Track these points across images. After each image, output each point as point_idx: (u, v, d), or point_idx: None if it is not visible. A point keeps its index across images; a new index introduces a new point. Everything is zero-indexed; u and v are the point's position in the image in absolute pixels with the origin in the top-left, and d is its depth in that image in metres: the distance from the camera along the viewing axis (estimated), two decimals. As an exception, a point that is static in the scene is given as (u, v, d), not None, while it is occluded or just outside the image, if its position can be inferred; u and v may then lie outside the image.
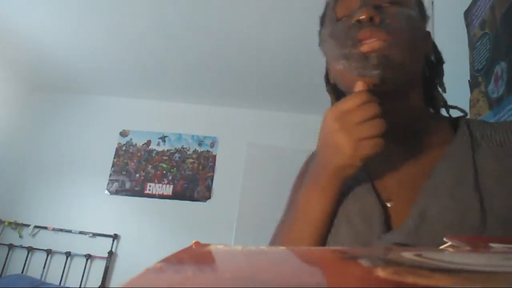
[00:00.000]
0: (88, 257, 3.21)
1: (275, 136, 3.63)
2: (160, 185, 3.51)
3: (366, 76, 0.48)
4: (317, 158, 0.53)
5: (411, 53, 0.50)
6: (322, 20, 0.60)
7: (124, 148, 3.63)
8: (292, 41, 2.67)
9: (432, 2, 1.53)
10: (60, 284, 3.10)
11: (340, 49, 0.51)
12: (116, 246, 3.30)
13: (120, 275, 3.17)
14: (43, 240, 3.26)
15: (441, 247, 0.17)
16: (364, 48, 0.48)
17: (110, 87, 3.63)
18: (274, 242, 0.60)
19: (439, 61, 0.62)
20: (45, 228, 3.30)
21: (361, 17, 0.49)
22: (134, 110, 3.76)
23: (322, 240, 0.52)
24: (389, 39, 0.48)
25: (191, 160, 3.61)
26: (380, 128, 0.45)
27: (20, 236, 3.28)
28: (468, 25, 1.21)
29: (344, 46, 0.50)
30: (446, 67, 0.62)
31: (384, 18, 0.49)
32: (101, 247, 3.25)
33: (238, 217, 3.13)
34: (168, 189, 3.51)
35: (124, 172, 3.54)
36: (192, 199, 3.49)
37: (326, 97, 0.68)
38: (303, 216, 0.53)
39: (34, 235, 3.29)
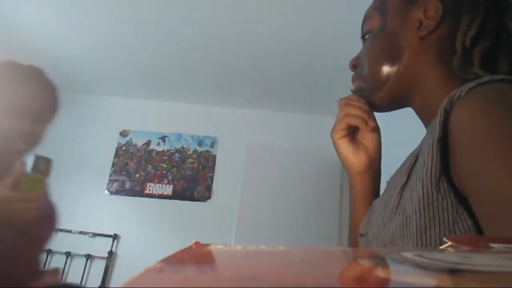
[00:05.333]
0: (88, 257, 3.21)
1: (275, 136, 3.63)
2: (160, 185, 3.51)
3: None
4: None
5: (382, 69, 0.57)
6: None
7: (124, 148, 3.63)
8: (293, 41, 2.67)
9: None
10: (60, 284, 3.10)
11: None
12: (116, 246, 3.30)
13: (120, 275, 3.17)
14: (43, 240, 3.27)
15: (441, 247, 0.17)
16: None
17: (110, 87, 3.63)
18: None
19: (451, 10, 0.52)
20: (45, 228, 3.30)
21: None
22: (134, 110, 3.76)
23: None
24: (358, 80, 0.62)
25: (191, 160, 3.61)
26: (345, 121, 0.61)
27: (20, 236, 3.28)
28: None
29: None
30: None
31: (357, 63, 0.63)
32: (101, 247, 3.25)
33: (238, 217, 3.13)
34: (168, 189, 3.51)
35: (124, 172, 3.54)
36: (192, 199, 3.49)
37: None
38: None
39: (34, 235, 3.29)
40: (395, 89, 0.56)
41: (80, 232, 3.28)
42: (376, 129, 0.64)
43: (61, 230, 3.30)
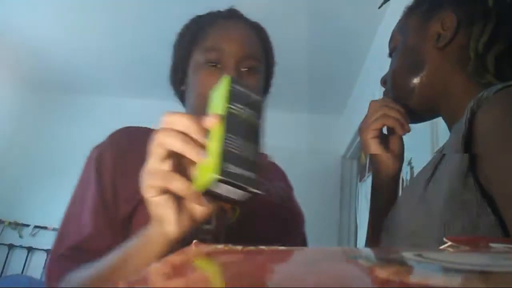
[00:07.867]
0: (88, 257, 3.21)
1: (275, 136, 3.62)
2: (160, 185, 3.51)
3: None
4: None
5: (407, 81, 0.60)
6: None
7: (124, 148, 3.63)
8: (293, 41, 2.67)
9: None
10: (60, 284, 3.10)
11: None
12: (116, 246, 3.30)
13: (120, 275, 3.17)
14: (43, 240, 3.26)
15: (441, 247, 0.17)
16: None
17: (110, 87, 3.62)
18: None
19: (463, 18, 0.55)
20: (45, 228, 3.29)
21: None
22: (133, 110, 3.75)
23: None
24: (387, 94, 0.65)
25: (191, 160, 3.61)
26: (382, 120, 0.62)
27: (20, 236, 3.28)
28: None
29: None
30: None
31: (386, 78, 0.66)
32: (101, 247, 3.25)
33: (238, 217, 3.12)
34: (168, 189, 3.50)
35: (124, 172, 3.54)
36: (192, 199, 3.48)
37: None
38: None
39: (34, 235, 3.29)
40: (422, 99, 0.59)
41: (80, 232, 3.28)
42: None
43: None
